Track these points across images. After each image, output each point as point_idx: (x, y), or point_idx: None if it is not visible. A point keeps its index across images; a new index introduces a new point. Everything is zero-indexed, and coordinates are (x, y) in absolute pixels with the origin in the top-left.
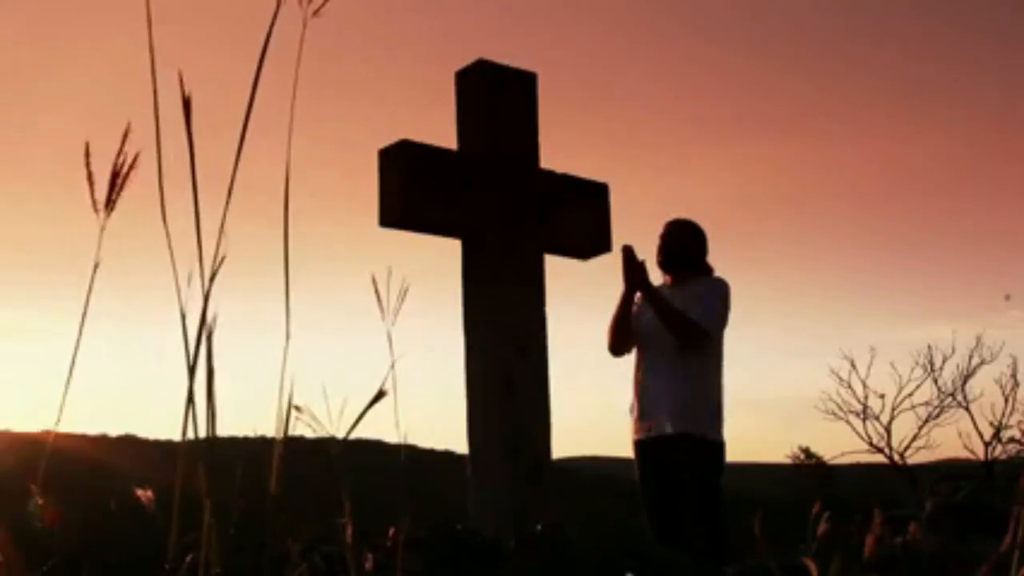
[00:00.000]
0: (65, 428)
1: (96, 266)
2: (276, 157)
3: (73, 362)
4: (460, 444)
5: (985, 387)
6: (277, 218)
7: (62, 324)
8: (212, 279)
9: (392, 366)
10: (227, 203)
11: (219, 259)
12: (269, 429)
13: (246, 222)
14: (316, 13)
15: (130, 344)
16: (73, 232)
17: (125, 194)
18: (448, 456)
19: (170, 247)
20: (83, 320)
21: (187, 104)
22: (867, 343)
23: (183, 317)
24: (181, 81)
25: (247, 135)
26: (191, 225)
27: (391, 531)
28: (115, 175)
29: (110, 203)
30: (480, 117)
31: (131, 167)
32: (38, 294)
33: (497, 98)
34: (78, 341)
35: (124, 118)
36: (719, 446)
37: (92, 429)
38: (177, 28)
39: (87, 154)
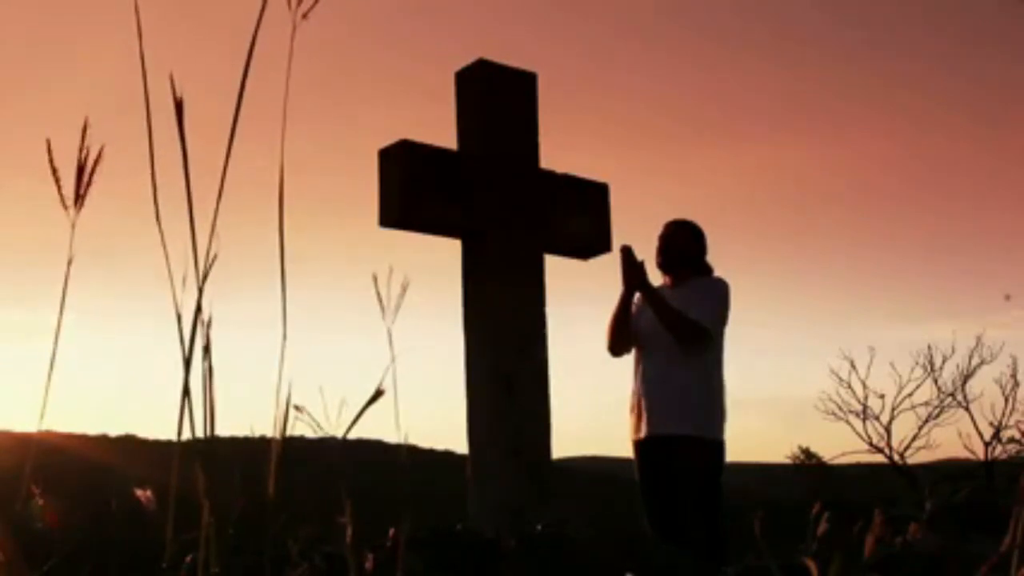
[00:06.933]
0: (65, 428)
1: (70, 262)
2: (273, 157)
3: (53, 357)
4: (460, 444)
5: (985, 387)
6: (274, 217)
7: (64, 324)
8: (205, 277)
9: (392, 363)
10: (218, 202)
11: (211, 257)
12: (268, 429)
13: (245, 222)
14: (305, 16)
15: (130, 344)
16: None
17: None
18: (448, 456)
19: (164, 247)
20: (60, 314)
21: (179, 106)
22: (867, 343)
23: (179, 317)
24: (172, 83)
25: (243, 136)
26: (186, 225)
27: (391, 531)
28: (80, 170)
29: (79, 198)
30: (480, 117)
31: (96, 161)
32: (38, 293)
33: (497, 98)
34: (57, 335)
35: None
36: (719, 446)
37: (92, 429)
38: (169, 29)
39: (49, 150)
